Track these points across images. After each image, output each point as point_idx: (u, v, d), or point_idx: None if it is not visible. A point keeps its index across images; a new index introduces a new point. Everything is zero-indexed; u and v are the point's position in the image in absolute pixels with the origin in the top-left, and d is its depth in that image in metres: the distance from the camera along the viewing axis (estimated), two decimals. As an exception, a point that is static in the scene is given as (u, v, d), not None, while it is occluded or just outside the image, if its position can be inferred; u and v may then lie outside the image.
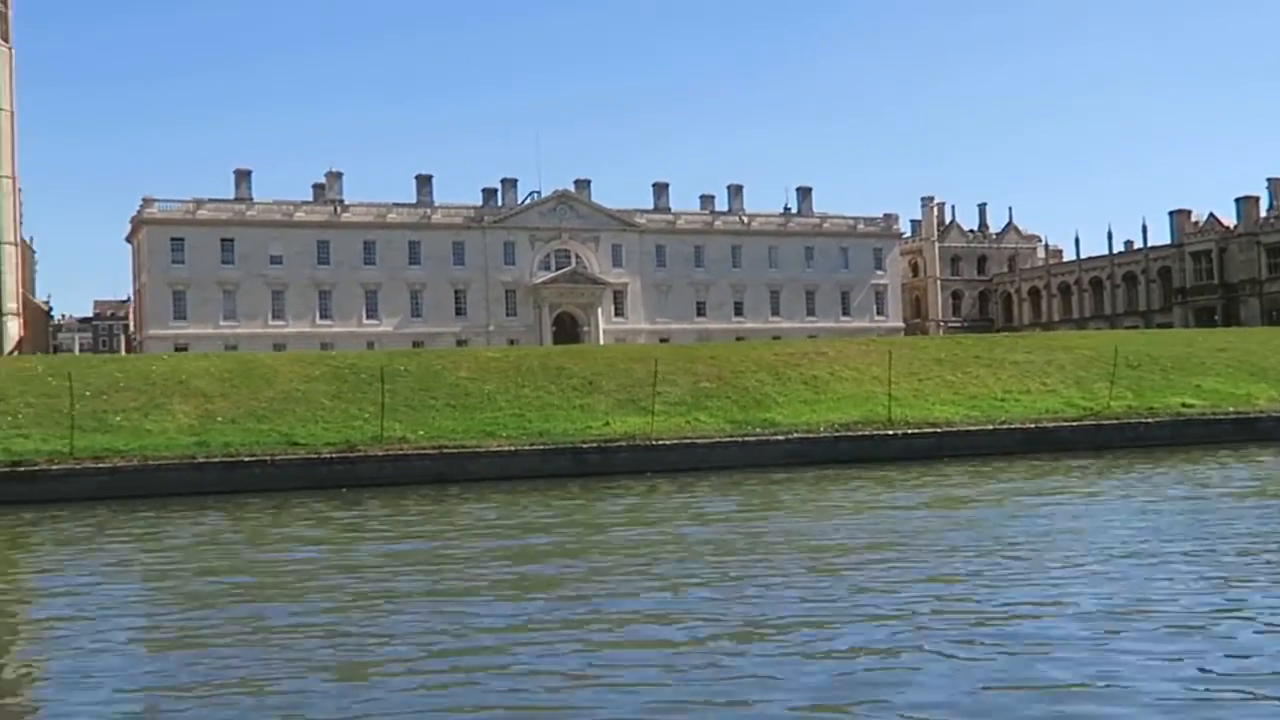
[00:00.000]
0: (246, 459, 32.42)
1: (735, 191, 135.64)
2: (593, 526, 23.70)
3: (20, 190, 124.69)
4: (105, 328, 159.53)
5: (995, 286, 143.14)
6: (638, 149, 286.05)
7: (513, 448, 34.55)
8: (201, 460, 32.14)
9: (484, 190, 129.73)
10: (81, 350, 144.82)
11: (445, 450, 33.95)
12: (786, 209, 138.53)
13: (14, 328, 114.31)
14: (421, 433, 34.35)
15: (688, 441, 35.98)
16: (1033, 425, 39.13)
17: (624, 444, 35.50)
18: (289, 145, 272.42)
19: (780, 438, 36.80)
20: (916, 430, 37.93)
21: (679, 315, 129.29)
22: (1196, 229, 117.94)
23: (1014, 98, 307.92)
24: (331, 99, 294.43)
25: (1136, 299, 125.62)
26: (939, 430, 38.12)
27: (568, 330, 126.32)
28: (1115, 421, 39.78)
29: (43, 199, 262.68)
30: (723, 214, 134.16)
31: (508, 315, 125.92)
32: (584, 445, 35.16)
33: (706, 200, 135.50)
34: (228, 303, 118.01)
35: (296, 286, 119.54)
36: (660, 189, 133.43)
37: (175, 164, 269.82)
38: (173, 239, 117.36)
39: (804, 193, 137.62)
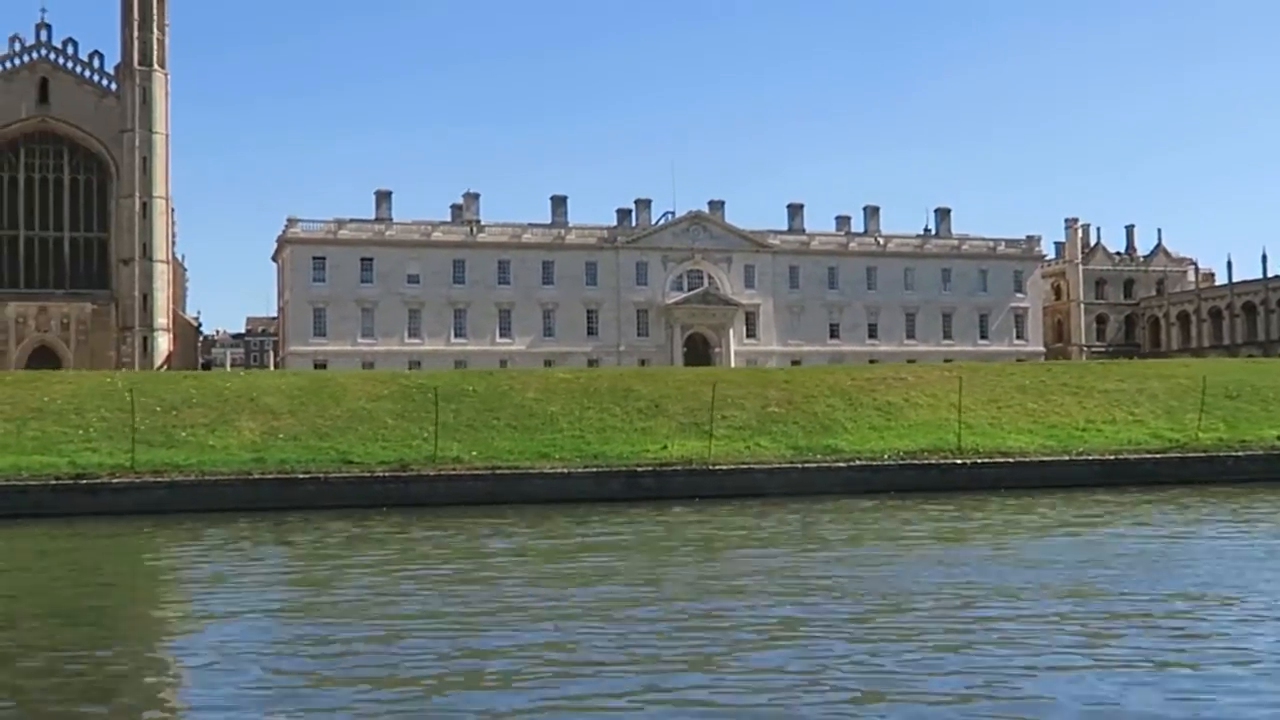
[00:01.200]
0: (301, 476, 33.10)
1: (871, 213, 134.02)
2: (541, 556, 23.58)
3: (173, 210, 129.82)
4: (256, 343, 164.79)
5: (1142, 311, 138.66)
6: (773, 170, 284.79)
7: (566, 470, 34.62)
8: (257, 476, 32.90)
9: (618, 211, 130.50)
10: (233, 365, 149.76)
11: (498, 471, 34.19)
12: (927, 230, 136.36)
13: (164, 343, 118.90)
14: (475, 453, 34.65)
15: (745, 467, 35.62)
16: (1112, 457, 37.81)
17: (680, 468, 35.31)
18: (429, 166, 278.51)
19: (842, 465, 36.23)
20: (986, 460, 36.96)
21: (811, 337, 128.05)
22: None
23: (1164, 116, 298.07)
24: (470, 120, 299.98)
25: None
26: (1010, 460, 37.08)
27: (699, 351, 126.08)
28: (1203, 454, 38.16)
29: (197, 217, 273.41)
30: (858, 235, 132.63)
31: (639, 335, 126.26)
32: (639, 469, 35.07)
33: (842, 221, 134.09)
34: (366, 320, 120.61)
35: (432, 305, 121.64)
36: (795, 210, 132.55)
37: (320, 183, 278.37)
38: (315, 258, 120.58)
39: (942, 214, 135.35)
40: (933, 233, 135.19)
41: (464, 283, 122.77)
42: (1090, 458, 37.58)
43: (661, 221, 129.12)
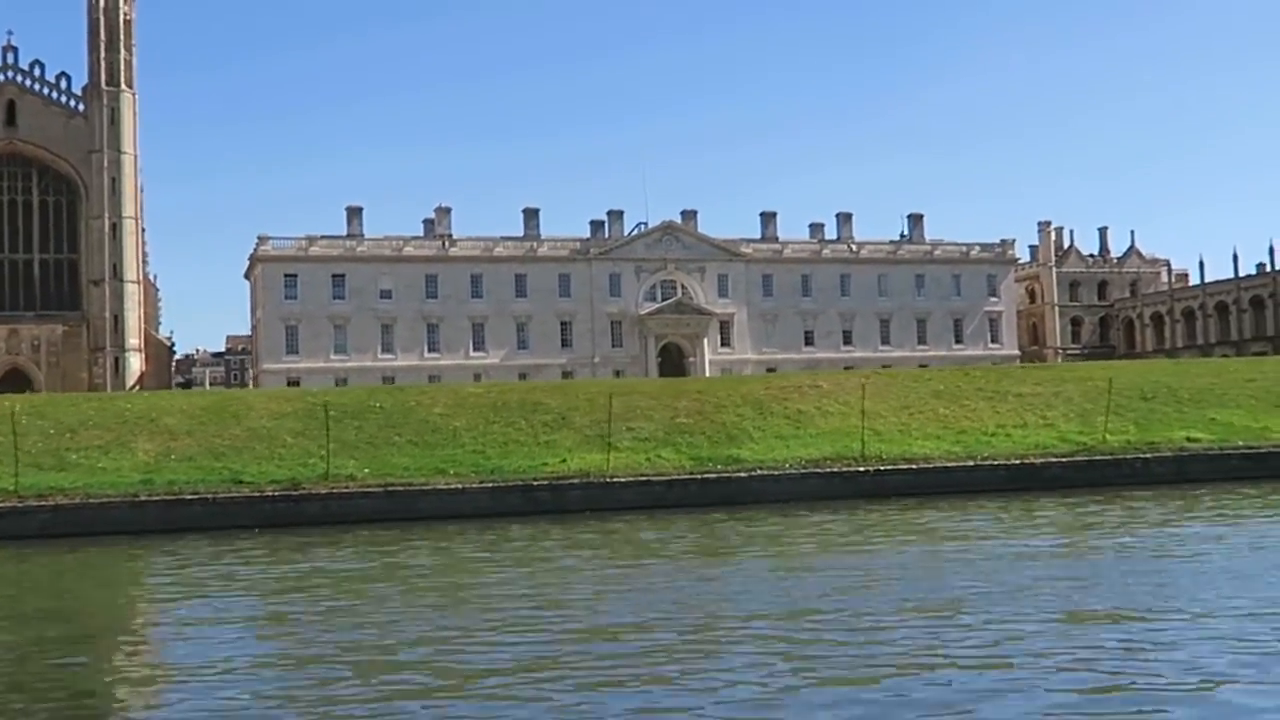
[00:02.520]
0: (189, 497, 32.92)
1: (844, 220, 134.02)
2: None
3: (144, 230, 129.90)
4: (236, 361, 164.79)
5: (1117, 312, 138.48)
6: (746, 180, 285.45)
7: (461, 485, 34.43)
8: (144, 499, 32.73)
9: (591, 222, 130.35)
10: (213, 384, 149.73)
11: (391, 489, 34.00)
12: (903, 236, 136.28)
13: (136, 363, 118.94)
14: (368, 471, 34.45)
15: (644, 479, 35.41)
16: (1017, 461, 37.56)
17: (577, 481, 35.10)
18: (400, 182, 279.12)
19: (742, 474, 35.99)
20: (890, 467, 36.73)
21: (786, 345, 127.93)
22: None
23: (1136, 122, 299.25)
24: (442, 135, 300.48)
25: (1265, 324, 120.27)
26: (914, 466, 36.86)
27: (674, 361, 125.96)
28: (1109, 457, 37.93)
29: (176, 238, 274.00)
30: (831, 243, 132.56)
31: (613, 346, 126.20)
32: (535, 483, 34.86)
33: (816, 229, 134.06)
34: (338, 337, 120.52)
35: (405, 320, 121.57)
36: (768, 218, 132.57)
37: (292, 202, 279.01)
38: (286, 275, 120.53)
39: (915, 220, 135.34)
40: (906, 239, 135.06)
41: (437, 297, 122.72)
42: (995, 463, 37.33)
43: (634, 232, 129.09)
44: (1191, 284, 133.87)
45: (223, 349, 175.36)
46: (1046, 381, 44.49)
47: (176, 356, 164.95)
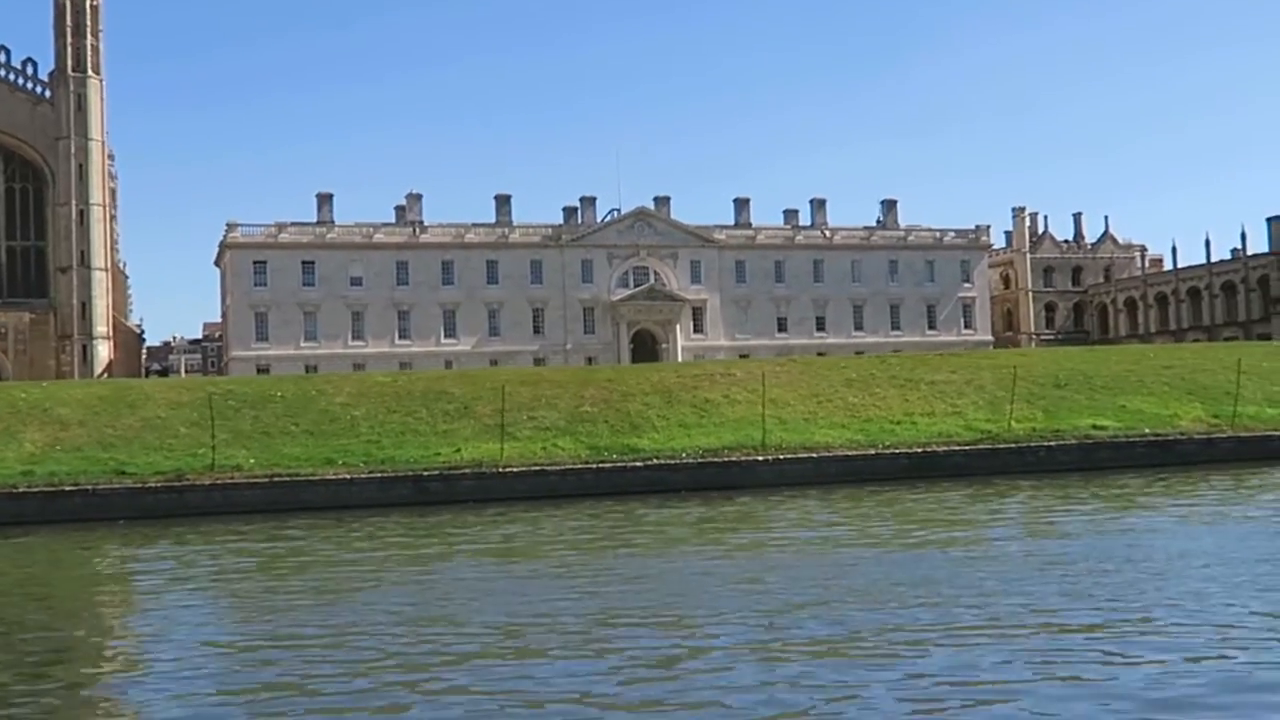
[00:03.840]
0: (69, 489, 32.62)
1: (818, 206, 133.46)
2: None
3: (115, 218, 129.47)
4: (214, 349, 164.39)
5: (1091, 298, 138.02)
6: (721, 167, 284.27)
7: (349, 476, 34.14)
8: (22, 490, 32.39)
9: (565, 209, 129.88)
10: (189, 371, 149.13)
11: (277, 479, 33.68)
12: (879, 222, 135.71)
13: (105, 351, 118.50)
14: (254, 461, 34.10)
15: (537, 469, 35.09)
16: (920, 450, 37.23)
17: (469, 471, 34.79)
18: (371, 169, 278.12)
19: (638, 464, 35.67)
20: (790, 456, 36.39)
21: (759, 331, 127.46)
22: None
23: (1109, 106, 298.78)
24: (413, 121, 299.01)
25: (1236, 309, 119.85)
26: (814, 455, 36.52)
27: (647, 347, 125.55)
28: (1013, 445, 37.58)
29: (154, 225, 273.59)
30: (805, 229, 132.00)
31: (586, 333, 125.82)
32: (425, 473, 34.55)
33: (790, 215, 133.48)
34: (308, 324, 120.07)
35: (376, 307, 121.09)
36: (741, 204, 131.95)
37: (264, 189, 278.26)
38: (255, 262, 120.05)
39: (889, 205, 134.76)
40: (880, 225, 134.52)
41: (407, 284, 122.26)
42: (897, 451, 37.02)
43: (607, 219, 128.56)
44: (1165, 269, 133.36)
45: (200, 336, 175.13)
46: (961, 369, 44.10)
47: (154, 344, 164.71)
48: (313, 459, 34.68)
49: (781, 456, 36.26)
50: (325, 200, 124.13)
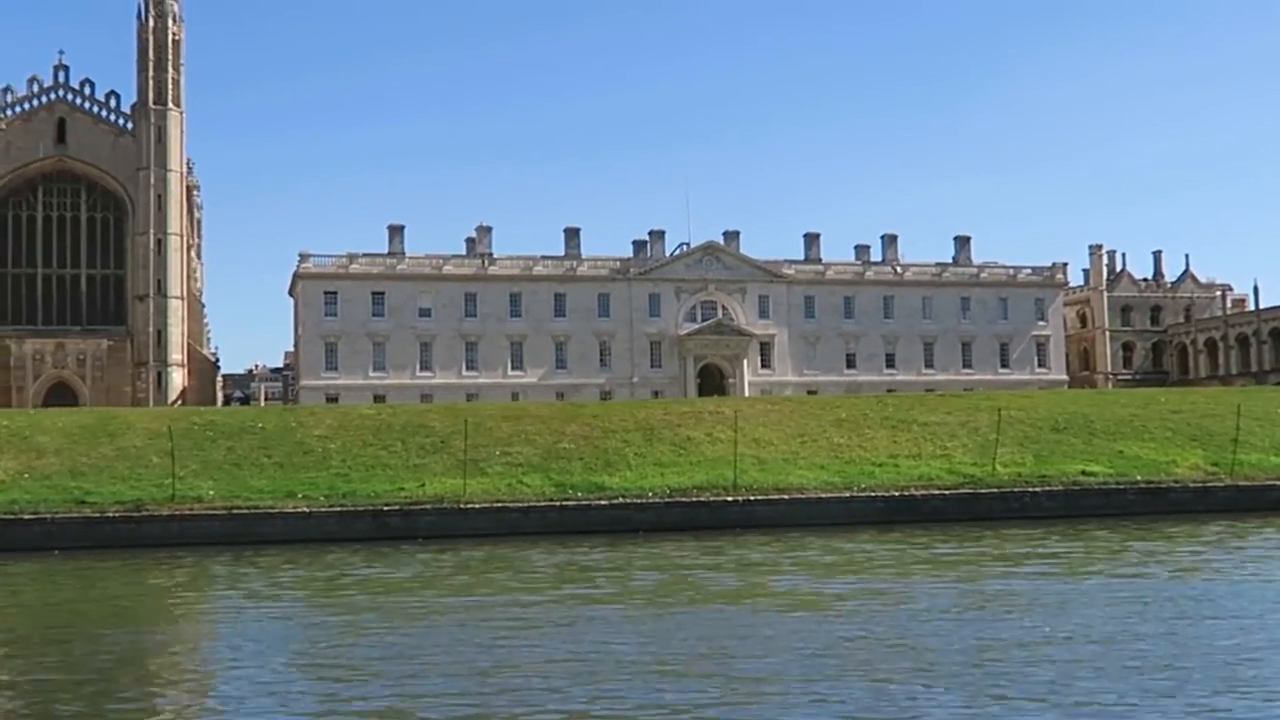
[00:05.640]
0: (26, 517, 32.99)
1: (890, 241, 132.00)
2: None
3: (193, 247, 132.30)
4: (293, 378, 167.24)
5: (1170, 338, 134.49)
6: (791, 202, 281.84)
7: (309, 510, 34.13)
8: (-21, 517, 32.85)
9: (634, 242, 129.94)
10: (269, 399, 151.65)
11: (236, 511, 33.78)
12: (956, 260, 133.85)
13: (179, 378, 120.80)
14: (213, 492, 34.26)
15: (499, 506, 34.81)
16: (897, 494, 36.29)
17: (429, 507, 34.63)
18: (442, 201, 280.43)
19: (603, 503, 35.23)
20: (760, 497, 35.68)
21: (827, 367, 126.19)
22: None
23: (1190, 144, 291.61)
24: (484, 155, 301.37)
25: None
26: (785, 497, 35.77)
27: (714, 382, 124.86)
28: (995, 491, 36.46)
29: (238, 254, 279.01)
30: (875, 264, 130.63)
31: (653, 367, 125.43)
32: (386, 508, 34.45)
33: (861, 250, 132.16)
34: (377, 354, 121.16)
35: (444, 338, 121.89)
36: (811, 239, 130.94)
37: (338, 220, 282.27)
38: (326, 292, 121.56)
39: (962, 242, 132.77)
40: (953, 261, 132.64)
41: (475, 316, 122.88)
42: (874, 495, 36.14)
43: (676, 253, 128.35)
44: (1247, 309, 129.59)
45: (281, 365, 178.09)
46: (958, 411, 43.01)
47: (237, 372, 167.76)
48: (276, 491, 34.77)
49: (752, 498, 35.58)
50: (396, 232, 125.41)
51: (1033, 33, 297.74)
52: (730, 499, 35.44)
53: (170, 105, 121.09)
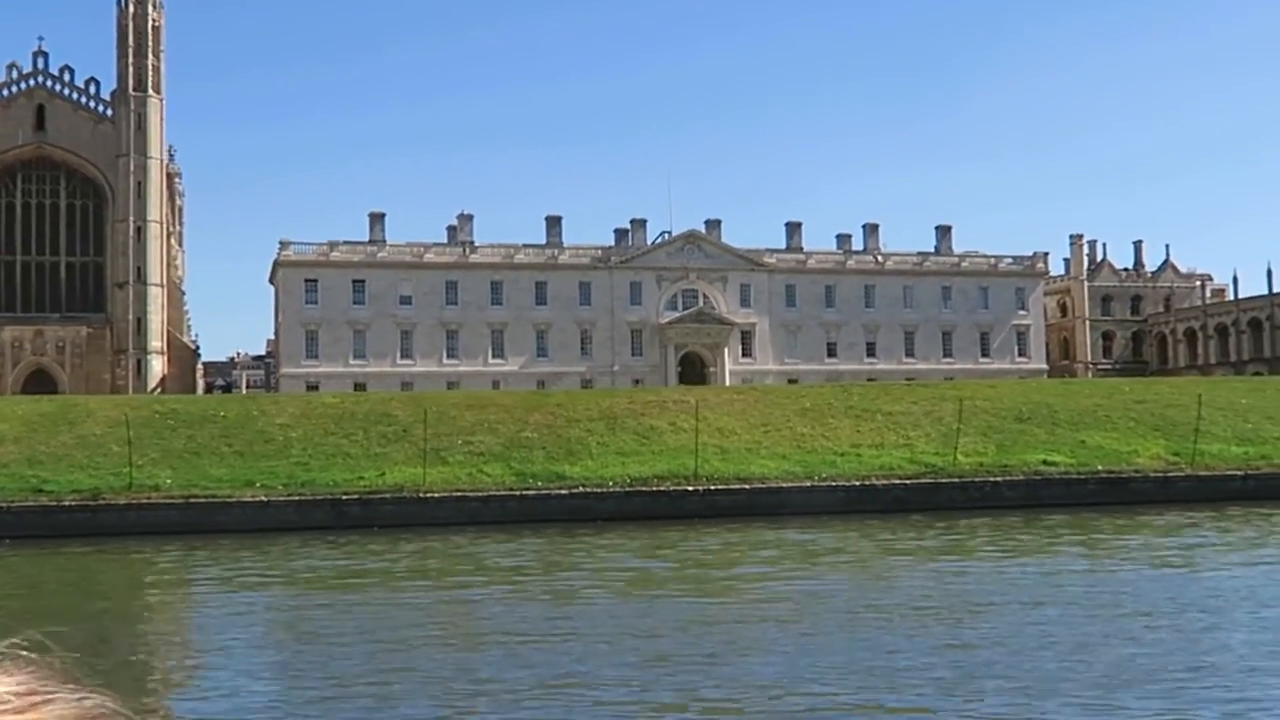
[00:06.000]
0: (-19, 505, 32.93)
1: (871, 230, 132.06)
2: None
3: (173, 235, 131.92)
4: (275, 365, 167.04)
5: (1149, 327, 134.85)
6: (773, 191, 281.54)
7: (266, 499, 34.10)
8: (-63, 506, 32.79)
9: (615, 231, 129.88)
10: (250, 387, 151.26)
11: (193, 501, 33.74)
12: (937, 249, 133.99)
13: (158, 365, 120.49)
14: (170, 481, 34.21)
15: (459, 495, 34.82)
16: (858, 483, 36.35)
17: (389, 496, 34.62)
18: (424, 189, 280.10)
19: (563, 492, 35.25)
20: (721, 487, 35.73)
21: (809, 356, 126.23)
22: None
23: (1171, 134, 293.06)
24: (466, 143, 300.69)
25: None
26: (746, 487, 35.82)
27: (695, 370, 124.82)
28: (957, 480, 36.55)
29: (220, 242, 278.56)
30: (857, 253, 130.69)
31: (634, 355, 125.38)
32: (344, 497, 34.43)
33: (843, 240, 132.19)
34: (357, 342, 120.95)
35: (425, 326, 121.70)
36: (793, 228, 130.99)
37: (319, 207, 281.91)
38: (307, 280, 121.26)
39: (943, 231, 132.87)
40: (934, 251, 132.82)
41: (456, 304, 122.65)
42: (834, 484, 36.19)
43: (657, 241, 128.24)
44: (1227, 299, 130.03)
45: (263, 352, 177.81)
46: (923, 400, 43.07)
47: (219, 359, 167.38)
48: (235, 480, 34.73)
49: (713, 488, 35.62)
50: (377, 219, 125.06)
51: (1015, 24, 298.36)
52: (691, 489, 35.48)
53: (150, 92, 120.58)
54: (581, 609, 19.37)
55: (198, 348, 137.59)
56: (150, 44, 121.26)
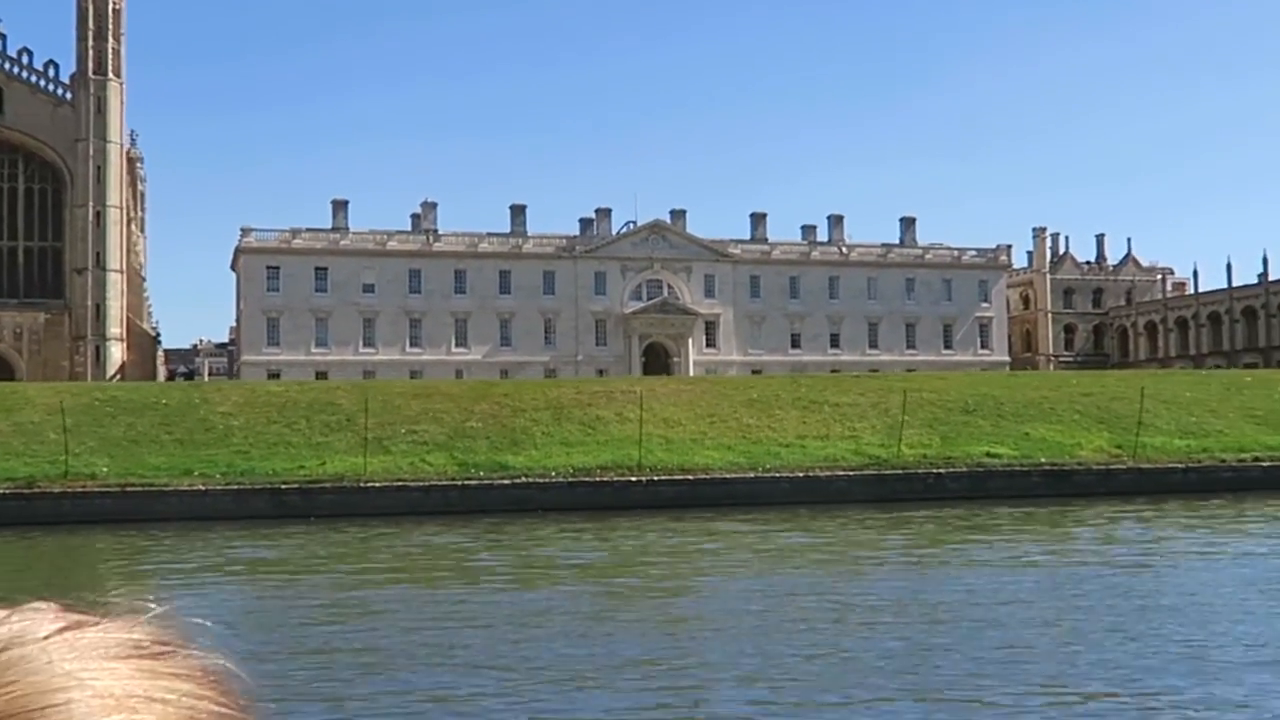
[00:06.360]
0: (-87, 493, 32.52)
1: (836, 222, 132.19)
2: None
3: (133, 220, 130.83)
4: (238, 353, 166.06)
5: (1111, 320, 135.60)
6: (738, 181, 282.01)
7: (204, 487, 33.79)
8: None
9: (580, 220, 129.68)
10: (212, 374, 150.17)
11: (130, 489, 33.39)
12: (902, 241, 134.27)
13: (117, 352, 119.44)
14: (107, 469, 33.86)
15: (399, 485, 34.59)
16: (801, 474, 36.29)
17: (329, 485, 34.36)
18: (389, 177, 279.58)
19: (505, 482, 35.08)
20: (665, 477, 35.62)
21: (772, 347, 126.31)
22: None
23: (1134, 129, 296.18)
24: (431, 131, 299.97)
25: (1256, 334, 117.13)
26: (690, 478, 35.72)
27: (659, 361, 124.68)
28: (900, 472, 36.56)
29: (187, 229, 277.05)
30: (821, 245, 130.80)
31: (598, 345, 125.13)
32: (284, 486, 34.14)
33: (808, 230, 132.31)
34: (320, 330, 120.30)
35: (387, 315, 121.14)
36: (758, 219, 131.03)
37: (283, 195, 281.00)
38: (269, 267, 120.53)
39: (908, 223, 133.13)
40: (899, 242, 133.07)
41: (420, 292, 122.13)
42: (778, 476, 36.13)
43: (622, 231, 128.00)
44: (1187, 293, 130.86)
45: (227, 340, 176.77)
46: (870, 392, 43.04)
47: (182, 347, 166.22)
48: (174, 468, 34.40)
49: (656, 478, 35.50)
50: (340, 207, 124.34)
51: (981, 19, 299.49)
52: (634, 479, 35.36)
53: (110, 75, 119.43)
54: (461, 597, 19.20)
55: (158, 334, 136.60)
56: (111, 27, 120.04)
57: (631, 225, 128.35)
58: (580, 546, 26.88)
